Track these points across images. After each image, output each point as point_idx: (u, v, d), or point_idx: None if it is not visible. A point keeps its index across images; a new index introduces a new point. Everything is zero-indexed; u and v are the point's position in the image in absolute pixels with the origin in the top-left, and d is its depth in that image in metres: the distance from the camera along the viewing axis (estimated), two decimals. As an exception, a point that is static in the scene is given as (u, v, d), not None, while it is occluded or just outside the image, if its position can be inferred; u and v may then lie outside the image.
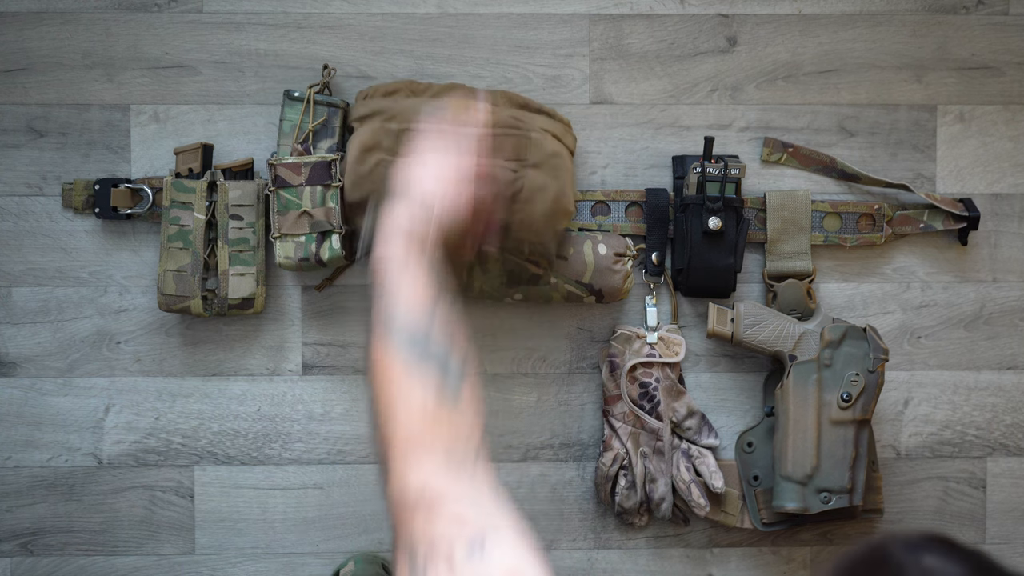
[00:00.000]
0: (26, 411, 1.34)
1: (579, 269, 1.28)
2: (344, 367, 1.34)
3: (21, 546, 1.34)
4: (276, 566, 1.34)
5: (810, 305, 1.33)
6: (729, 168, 1.28)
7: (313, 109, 1.27)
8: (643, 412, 1.30)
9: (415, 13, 1.33)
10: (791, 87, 1.35)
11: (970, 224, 1.34)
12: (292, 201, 1.26)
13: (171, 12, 1.32)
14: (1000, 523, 1.37)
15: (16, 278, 1.33)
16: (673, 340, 1.33)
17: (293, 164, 1.25)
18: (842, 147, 1.35)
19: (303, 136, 1.26)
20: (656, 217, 1.31)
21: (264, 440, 1.34)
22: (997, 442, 1.37)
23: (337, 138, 1.28)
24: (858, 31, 1.35)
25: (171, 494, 1.34)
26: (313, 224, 1.26)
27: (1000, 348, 1.37)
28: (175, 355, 1.34)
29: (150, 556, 1.34)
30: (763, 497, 1.32)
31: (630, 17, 1.34)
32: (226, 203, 1.27)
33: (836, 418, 1.27)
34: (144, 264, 1.33)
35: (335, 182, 1.26)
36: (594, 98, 1.34)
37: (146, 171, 1.32)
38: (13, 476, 1.34)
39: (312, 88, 1.27)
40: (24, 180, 1.33)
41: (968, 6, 1.35)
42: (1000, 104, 1.36)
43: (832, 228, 1.34)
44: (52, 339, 1.33)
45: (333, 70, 1.29)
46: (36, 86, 1.32)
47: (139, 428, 1.34)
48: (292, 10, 1.33)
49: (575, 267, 1.28)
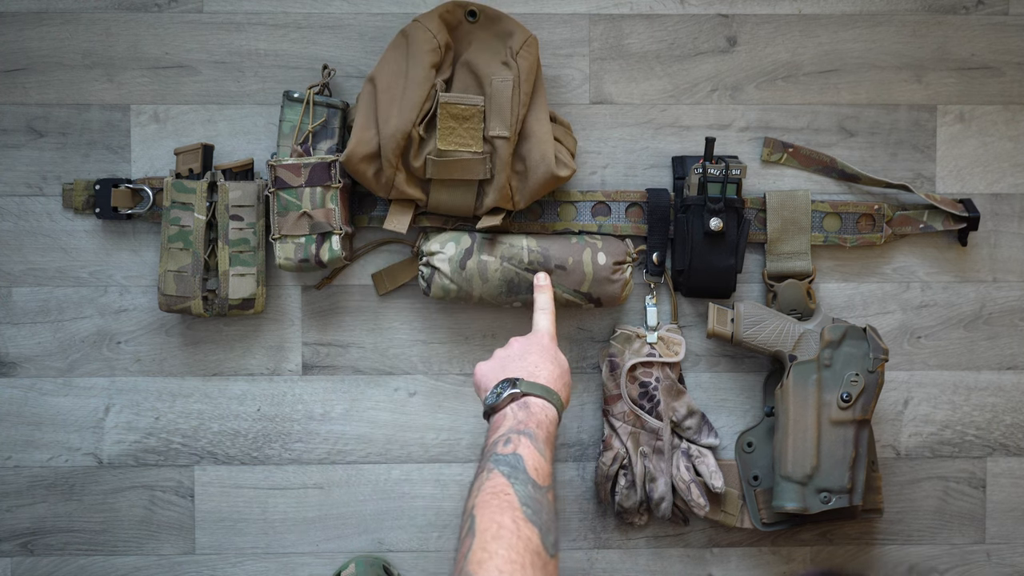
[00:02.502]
0: (26, 411, 1.34)
1: (578, 278, 1.28)
2: (344, 367, 1.34)
3: (21, 546, 1.34)
4: (276, 566, 1.34)
5: (810, 305, 1.33)
6: (730, 169, 1.28)
7: (313, 110, 1.26)
8: (643, 412, 1.30)
9: (415, 13, 1.32)
10: (791, 87, 1.35)
11: (970, 224, 1.34)
12: (292, 202, 1.26)
13: (171, 12, 1.32)
14: (1000, 523, 1.38)
15: (16, 278, 1.33)
16: (673, 340, 1.33)
17: (292, 165, 1.25)
18: (842, 147, 1.35)
19: (303, 137, 1.26)
20: (657, 217, 1.31)
21: (264, 440, 1.34)
22: (997, 442, 1.37)
23: (337, 139, 1.27)
24: (858, 31, 1.35)
25: (171, 494, 1.34)
26: (313, 225, 1.26)
27: (1000, 348, 1.37)
28: (175, 355, 1.34)
29: (150, 556, 1.34)
30: (763, 497, 1.32)
31: (630, 17, 1.34)
32: (226, 204, 1.27)
33: (836, 418, 1.27)
34: (144, 264, 1.33)
35: (335, 183, 1.26)
36: (594, 98, 1.34)
37: (146, 171, 1.32)
38: (13, 476, 1.34)
39: (312, 89, 1.27)
40: (24, 180, 1.33)
41: (968, 6, 1.35)
42: (1000, 104, 1.36)
43: (832, 228, 1.34)
44: (52, 339, 1.33)
45: (333, 70, 1.29)
46: (36, 86, 1.32)
47: (139, 428, 1.34)
48: (292, 10, 1.33)
49: (574, 276, 1.28)
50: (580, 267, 1.28)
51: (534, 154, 1.24)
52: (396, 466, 1.35)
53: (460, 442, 1.35)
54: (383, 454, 1.34)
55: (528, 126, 1.25)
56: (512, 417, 1.04)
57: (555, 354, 1.15)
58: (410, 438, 1.35)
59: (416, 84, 1.23)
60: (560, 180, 1.25)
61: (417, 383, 1.34)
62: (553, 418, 1.06)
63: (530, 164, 1.24)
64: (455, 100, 1.23)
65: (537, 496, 0.95)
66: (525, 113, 1.25)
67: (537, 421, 1.04)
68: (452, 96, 1.23)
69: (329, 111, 1.27)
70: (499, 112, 1.23)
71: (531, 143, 1.24)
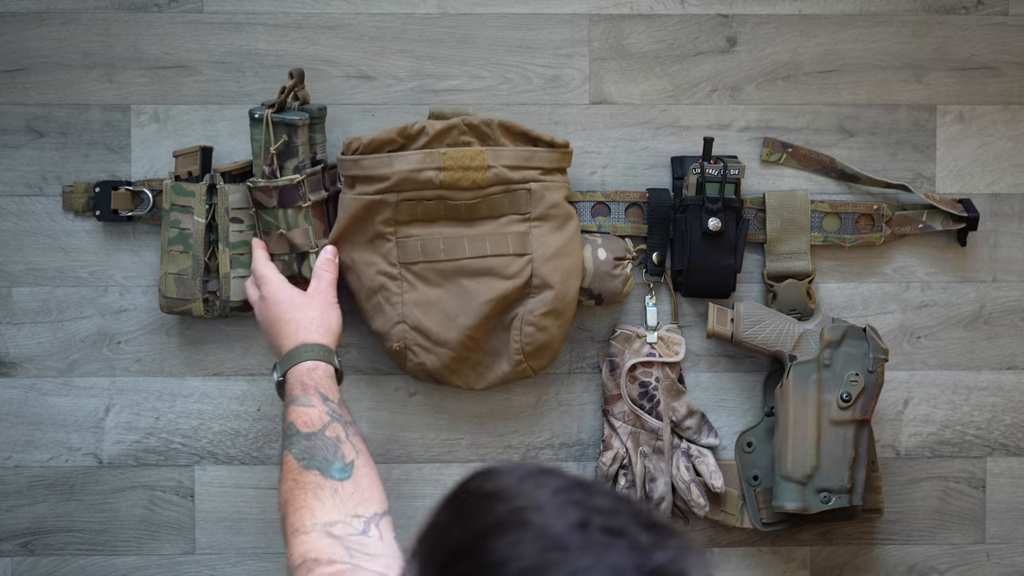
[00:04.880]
0: (26, 411, 1.34)
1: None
2: (344, 367, 1.34)
3: (21, 546, 1.34)
4: (276, 566, 1.34)
5: (810, 305, 1.33)
6: (728, 169, 1.28)
7: (273, 130, 1.22)
8: (643, 411, 1.30)
9: (415, 13, 1.32)
10: (791, 87, 1.35)
11: (969, 225, 1.34)
12: (271, 223, 1.25)
13: (171, 12, 1.32)
14: (1000, 523, 1.38)
15: (16, 278, 1.33)
16: (673, 340, 1.33)
17: (264, 188, 1.23)
18: (842, 147, 1.35)
19: (269, 159, 1.23)
20: (657, 217, 1.31)
21: (264, 440, 1.34)
22: (997, 442, 1.37)
23: (302, 156, 1.23)
24: (858, 31, 1.35)
25: (171, 494, 1.34)
26: (292, 245, 1.25)
27: (1000, 348, 1.37)
28: (175, 355, 1.34)
29: (150, 556, 1.34)
30: (763, 497, 1.32)
31: (630, 17, 1.34)
32: (226, 206, 1.26)
33: (836, 418, 1.27)
34: (144, 264, 1.33)
35: (304, 203, 1.24)
36: (594, 98, 1.34)
37: (146, 171, 1.32)
38: (13, 476, 1.34)
39: (269, 109, 1.22)
40: (24, 180, 1.33)
41: (968, 6, 1.35)
42: (1000, 104, 1.36)
43: (831, 228, 1.34)
44: (52, 339, 1.33)
45: (296, 82, 1.23)
46: (36, 86, 1.32)
47: (139, 428, 1.34)
48: (292, 10, 1.32)
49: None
50: (580, 262, 1.28)
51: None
52: (396, 466, 1.35)
53: (460, 442, 1.35)
54: (383, 454, 1.34)
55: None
56: (288, 394, 1.16)
57: (301, 300, 1.21)
58: (410, 438, 1.35)
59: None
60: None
61: (417, 383, 1.34)
62: (311, 366, 1.16)
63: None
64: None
65: (309, 443, 1.09)
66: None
67: (302, 385, 1.15)
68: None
69: (288, 129, 1.22)
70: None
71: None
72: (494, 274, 1.25)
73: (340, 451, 1.09)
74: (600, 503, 0.62)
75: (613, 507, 0.62)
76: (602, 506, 0.62)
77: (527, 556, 0.59)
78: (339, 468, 1.08)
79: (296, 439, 1.10)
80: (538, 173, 1.26)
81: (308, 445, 1.09)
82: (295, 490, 1.06)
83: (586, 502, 0.62)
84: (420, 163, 1.23)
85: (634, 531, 0.61)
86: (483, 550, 0.60)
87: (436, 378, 1.29)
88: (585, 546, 0.59)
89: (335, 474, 1.07)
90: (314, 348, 1.17)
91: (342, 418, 1.13)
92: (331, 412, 1.13)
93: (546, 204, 1.26)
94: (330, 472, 1.07)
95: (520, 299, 1.26)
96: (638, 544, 0.60)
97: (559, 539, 0.60)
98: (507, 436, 1.35)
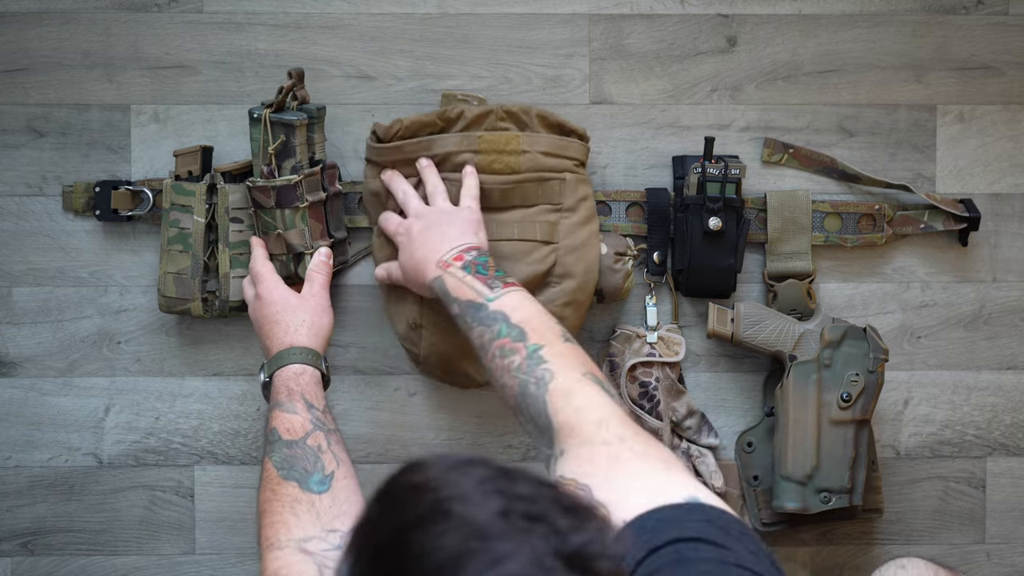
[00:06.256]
0: (26, 411, 1.34)
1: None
2: (344, 367, 1.34)
3: (21, 546, 1.34)
4: (276, 566, 1.34)
5: (810, 305, 1.33)
6: (729, 168, 1.28)
7: (271, 130, 1.22)
8: (643, 412, 1.30)
9: (415, 13, 1.32)
10: (791, 87, 1.35)
11: (970, 225, 1.34)
12: (270, 223, 1.25)
13: (171, 12, 1.32)
14: (1000, 523, 1.38)
15: (16, 278, 1.33)
16: (673, 340, 1.33)
17: (263, 187, 1.23)
18: (842, 147, 1.35)
19: (267, 159, 1.23)
20: (657, 216, 1.31)
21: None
22: (997, 442, 1.37)
23: (299, 156, 1.23)
24: (858, 31, 1.35)
25: (171, 494, 1.34)
26: (289, 245, 1.25)
27: (1000, 348, 1.37)
28: (175, 355, 1.34)
29: (150, 556, 1.34)
30: (763, 497, 1.32)
31: (630, 17, 1.34)
32: (226, 206, 1.26)
33: (836, 418, 1.27)
34: (144, 264, 1.33)
35: (301, 203, 1.24)
36: (594, 98, 1.34)
37: (146, 171, 1.32)
38: (13, 476, 1.34)
39: (268, 109, 1.22)
40: (24, 180, 1.33)
41: (968, 6, 1.35)
42: (1000, 104, 1.36)
43: (832, 228, 1.34)
44: (52, 339, 1.33)
45: (295, 82, 1.23)
46: (36, 86, 1.32)
47: (139, 428, 1.34)
48: (292, 10, 1.32)
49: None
50: None
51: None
52: (396, 466, 1.34)
53: (460, 442, 1.35)
54: (383, 454, 1.34)
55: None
56: (273, 398, 1.15)
57: (294, 302, 1.21)
58: (410, 438, 1.35)
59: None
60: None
61: (417, 383, 1.34)
62: (299, 370, 1.15)
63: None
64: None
65: (290, 452, 1.08)
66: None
67: (288, 390, 1.14)
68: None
69: (286, 129, 1.22)
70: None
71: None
72: (516, 259, 1.25)
73: (320, 462, 1.08)
74: (522, 490, 0.63)
75: (535, 494, 0.63)
76: (524, 493, 0.63)
77: (449, 547, 0.60)
78: (318, 480, 1.07)
79: (277, 446, 1.09)
80: (572, 164, 1.27)
81: (288, 454, 1.08)
82: (272, 501, 1.06)
83: (508, 490, 0.63)
84: (457, 146, 1.24)
85: (553, 516, 0.62)
86: (408, 542, 0.61)
87: (446, 365, 1.28)
88: (505, 533, 0.60)
89: (313, 487, 1.06)
90: (302, 352, 1.17)
91: (325, 426, 1.12)
92: (315, 420, 1.12)
93: (577, 196, 1.27)
94: (308, 485, 1.06)
95: (539, 287, 1.26)
96: (556, 528, 0.61)
97: (480, 528, 0.61)
98: (507, 436, 1.35)
